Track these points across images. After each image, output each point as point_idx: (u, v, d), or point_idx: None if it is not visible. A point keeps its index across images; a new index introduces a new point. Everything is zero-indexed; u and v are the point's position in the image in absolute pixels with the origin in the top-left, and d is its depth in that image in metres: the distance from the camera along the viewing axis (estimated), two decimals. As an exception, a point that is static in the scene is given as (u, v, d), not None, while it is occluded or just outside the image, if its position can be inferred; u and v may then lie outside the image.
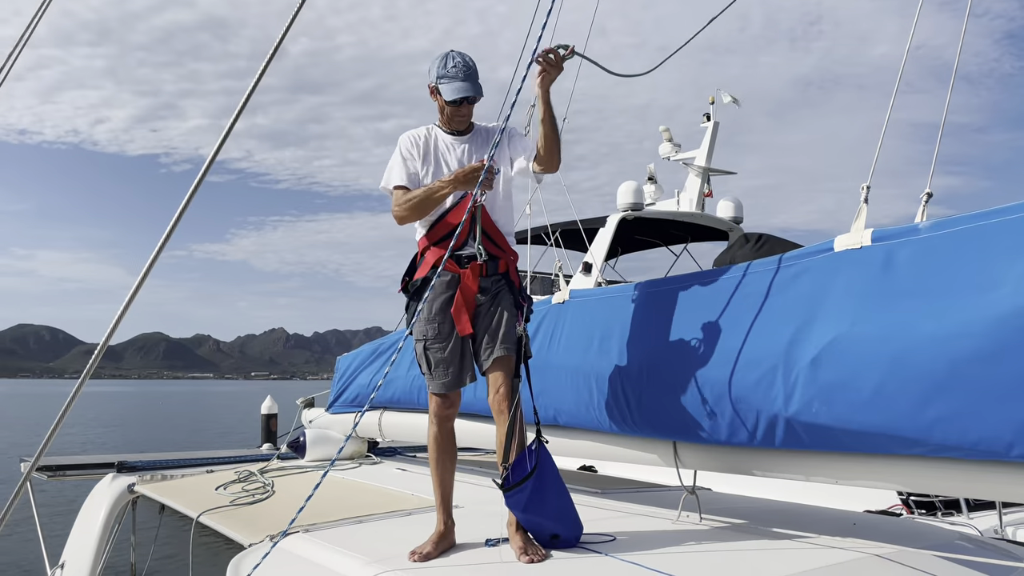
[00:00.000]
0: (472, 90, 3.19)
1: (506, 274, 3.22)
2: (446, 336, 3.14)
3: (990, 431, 2.27)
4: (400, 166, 3.26)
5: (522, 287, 3.28)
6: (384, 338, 5.70)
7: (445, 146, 3.28)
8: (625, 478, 5.17)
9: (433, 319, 3.15)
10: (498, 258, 3.20)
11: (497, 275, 3.19)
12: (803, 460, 2.91)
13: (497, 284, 3.18)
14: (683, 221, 8.90)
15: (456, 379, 3.16)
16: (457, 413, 3.24)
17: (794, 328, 2.81)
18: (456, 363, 3.15)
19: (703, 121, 9.24)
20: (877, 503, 5.57)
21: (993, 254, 2.38)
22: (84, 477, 5.60)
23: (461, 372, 3.16)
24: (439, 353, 3.15)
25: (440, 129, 3.32)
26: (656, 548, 2.86)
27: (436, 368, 3.16)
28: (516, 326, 3.13)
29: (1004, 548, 3.21)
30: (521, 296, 3.22)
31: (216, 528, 3.78)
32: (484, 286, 3.17)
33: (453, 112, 3.24)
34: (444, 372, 3.15)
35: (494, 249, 3.20)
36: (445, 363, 3.14)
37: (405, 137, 3.32)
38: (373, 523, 3.51)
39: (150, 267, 2.86)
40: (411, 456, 6.16)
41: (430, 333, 3.16)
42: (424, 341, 3.18)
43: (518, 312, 3.17)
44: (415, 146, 3.28)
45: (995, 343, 2.26)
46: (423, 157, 3.26)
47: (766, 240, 5.89)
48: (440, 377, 3.16)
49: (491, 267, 3.17)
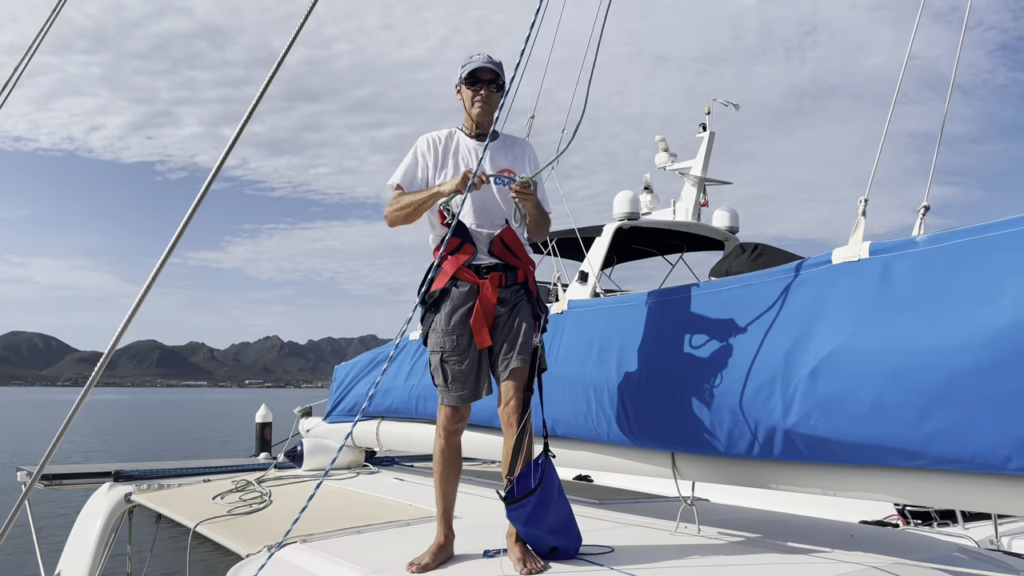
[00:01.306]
0: (490, 63, 3.20)
1: (525, 284, 3.17)
2: (464, 349, 3.09)
3: (988, 444, 2.28)
4: (406, 166, 3.24)
5: (539, 297, 3.23)
6: (382, 347, 5.69)
7: (467, 149, 3.26)
8: (623, 488, 5.17)
9: (451, 331, 3.09)
10: (516, 268, 3.17)
11: (516, 285, 3.15)
12: (801, 472, 2.92)
13: (516, 295, 3.14)
14: (679, 231, 8.91)
15: (472, 393, 3.11)
16: (465, 427, 3.19)
17: (792, 340, 2.82)
18: (473, 376, 3.10)
19: (699, 131, 9.26)
20: (873, 514, 5.58)
21: (991, 268, 2.39)
22: (81, 486, 5.57)
23: (478, 385, 3.11)
24: (457, 366, 3.09)
25: (463, 132, 3.30)
26: (655, 560, 2.86)
27: (453, 381, 3.10)
28: (533, 337, 3.09)
29: (1000, 560, 3.22)
30: (539, 307, 3.18)
31: (213, 538, 3.77)
32: (503, 297, 3.12)
33: (473, 95, 3.22)
34: (461, 386, 3.10)
35: (512, 259, 3.16)
36: (463, 376, 3.09)
37: (423, 138, 3.31)
38: (371, 533, 3.50)
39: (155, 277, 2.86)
40: (409, 466, 6.15)
41: (448, 345, 3.10)
42: (441, 353, 3.11)
43: (536, 323, 3.12)
44: (431, 148, 3.26)
45: (993, 357, 2.28)
46: (440, 159, 3.24)
47: (762, 250, 5.90)
48: (456, 390, 3.10)
49: (510, 277, 3.14)
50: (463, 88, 3.26)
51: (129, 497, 4.97)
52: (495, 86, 3.24)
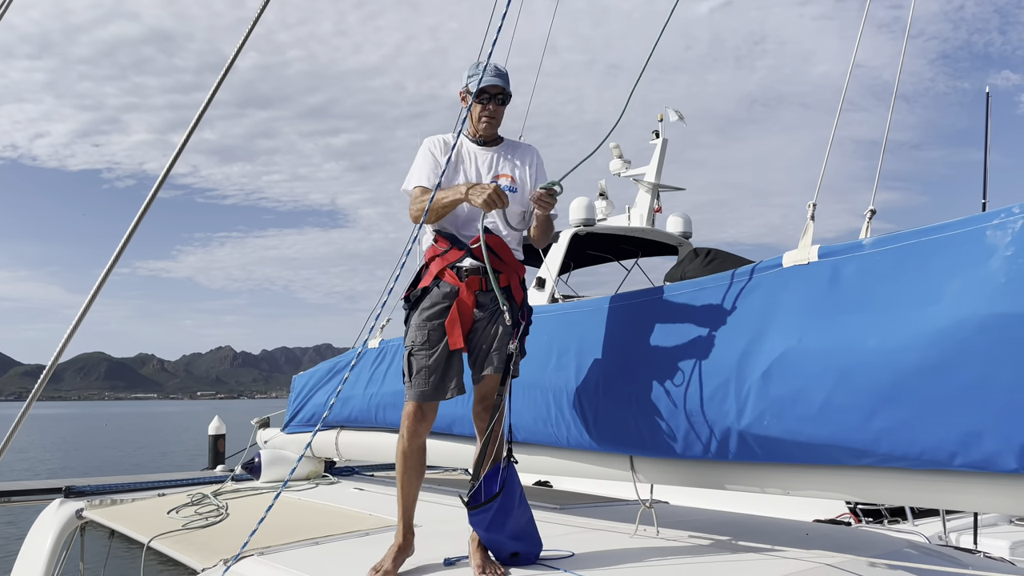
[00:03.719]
0: (501, 82, 3.18)
1: (507, 289, 3.15)
2: (434, 344, 3.08)
3: (934, 441, 2.35)
4: (423, 166, 3.22)
5: (524, 302, 3.21)
6: (341, 356, 5.65)
7: (469, 154, 3.26)
8: (582, 493, 5.20)
9: (423, 326, 3.10)
10: (499, 272, 3.12)
11: (500, 289, 3.10)
12: (756, 472, 2.97)
13: (496, 302, 3.11)
14: (634, 236, 9.00)
15: (435, 390, 3.08)
16: (430, 431, 3.16)
17: (745, 342, 2.88)
18: (438, 374, 3.07)
19: (652, 138, 9.38)
20: (826, 513, 5.69)
21: (932, 270, 2.47)
22: (30, 503, 5.44)
23: (442, 383, 3.08)
24: (423, 360, 3.07)
25: (468, 138, 3.30)
26: (615, 563, 2.89)
27: (417, 374, 3.08)
28: (509, 344, 3.07)
29: (951, 555, 3.31)
30: (520, 313, 3.15)
31: (168, 553, 3.71)
32: (483, 301, 3.12)
33: (481, 110, 3.22)
34: (424, 380, 3.06)
35: (497, 263, 3.12)
36: (427, 370, 3.06)
37: (430, 139, 3.30)
38: (330, 544, 3.48)
39: (100, 286, 2.82)
40: (369, 476, 6.11)
41: (418, 339, 3.10)
42: (411, 347, 3.11)
43: (515, 330, 3.09)
44: (438, 148, 3.25)
45: (936, 356, 2.35)
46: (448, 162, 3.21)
47: (715, 255, 5.98)
48: (419, 385, 3.07)
49: (491, 282, 3.08)
50: (470, 100, 3.23)
51: (81, 513, 4.86)
52: (502, 98, 3.24)
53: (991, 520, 5.62)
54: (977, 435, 2.26)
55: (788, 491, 2.92)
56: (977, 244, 2.38)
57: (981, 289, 2.31)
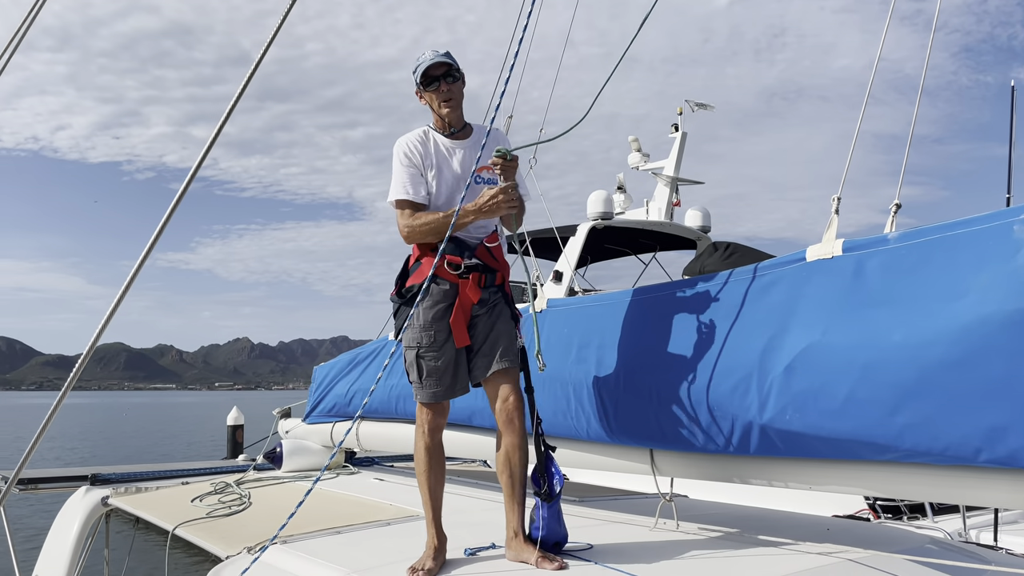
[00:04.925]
0: (441, 58, 3.13)
1: (502, 286, 3.19)
2: (441, 345, 3.09)
3: (958, 437, 2.34)
4: (406, 177, 3.17)
5: (513, 300, 3.25)
6: (361, 348, 5.68)
7: (445, 149, 3.23)
8: (602, 486, 5.21)
9: (429, 327, 3.09)
10: (495, 271, 3.17)
11: (494, 287, 3.16)
12: (778, 467, 2.97)
13: (494, 296, 3.16)
14: (652, 230, 8.98)
15: (448, 390, 3.11)
16: (446, 424, 3.20)
17: (768, 337, 2.87)
18: (449, 373, 3.10)
19: (671, 131, 9.35)
20: (845, 508, 5.67)
21: (958, 264, 2.46)
22: (57, 490, 5.52)
23: (453, 383, 3.12)
24: (433, 362, 3.09)
25: (436, 131, 3.27)
26: (634, 555, 2.90)
27: (428, 377, 3.10)
28: (517, 339, 3.12)
29: (972, 551, 3.30)
30: (514, 309, 3.20)
31: (192, 540, 3.75)
32: (483, 297, 3.14)
33: (436, 96, 3.18)
34: (436, 382, 3.09)
35: (491, 261, 3.17)
36: (438, 373, 3.09)
37: (401, 144, 3.23)
38: (352, 533, 3.51)
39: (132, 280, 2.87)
40: (389, 466, 6.16)
41: (424, 341, 3.09)
42: (417, 349, 3.11)
43: (515, 324, 3.15)
44: (413, 151, 3.19)
45: (962, 351, 2.34)
46: (423, 159, 3.18)
47: (734, 249, 5.97)
48: (431, 387, 3.10)
49: (489, 279, 3.14)
50: (423, 92, 3.21)
51: (106, 500, 4.93)
52: (451, 77, 3.19)
53: (1012, 517, 5.59)
54: (1003, 431, 2.25)
55: (810, 486, 2.92)
56: (1003, 239, 2.36)
57: (1007, 284, 2.30)
